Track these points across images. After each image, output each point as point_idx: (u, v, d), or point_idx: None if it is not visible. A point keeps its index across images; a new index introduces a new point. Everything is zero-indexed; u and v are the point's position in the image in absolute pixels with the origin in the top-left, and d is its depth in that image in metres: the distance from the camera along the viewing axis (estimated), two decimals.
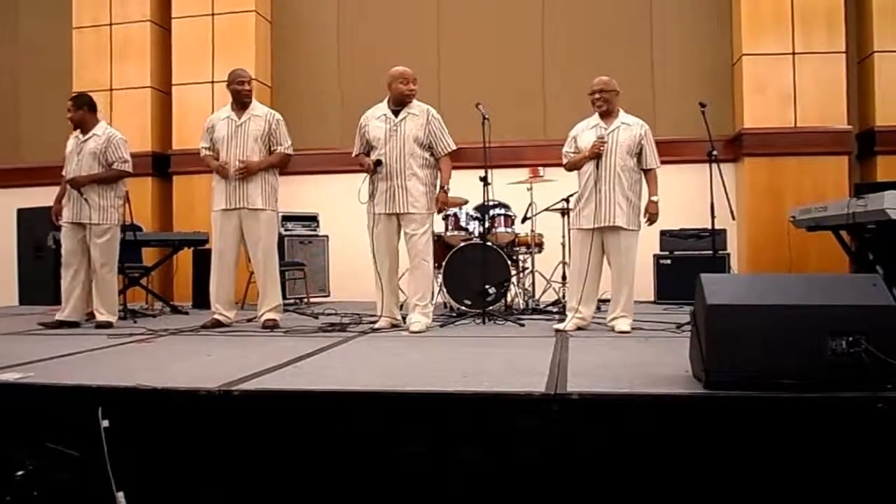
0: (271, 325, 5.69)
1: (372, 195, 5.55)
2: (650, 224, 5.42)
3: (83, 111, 6.01)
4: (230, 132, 5.75)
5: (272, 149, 5.83)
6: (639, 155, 5.35)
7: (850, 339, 2.83)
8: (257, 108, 5.86)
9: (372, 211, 5.57)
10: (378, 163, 5.47)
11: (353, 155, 5.73)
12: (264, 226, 5.73)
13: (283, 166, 5.97)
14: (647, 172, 5.40)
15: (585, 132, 5.44)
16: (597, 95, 5.37)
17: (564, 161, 5.57)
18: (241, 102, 5.80)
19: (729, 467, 2.82)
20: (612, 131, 5.32)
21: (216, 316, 5.77)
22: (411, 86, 5.50)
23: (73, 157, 5.98)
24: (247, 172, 5.67)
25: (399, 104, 5.53)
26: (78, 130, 6.04)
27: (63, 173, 6.08)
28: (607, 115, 5.38)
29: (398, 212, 5.50)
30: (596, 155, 5.26)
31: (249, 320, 6.06)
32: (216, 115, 5.98)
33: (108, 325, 5.86)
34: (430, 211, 5.60)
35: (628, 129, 5.33)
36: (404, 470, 2.96)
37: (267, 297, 5.79)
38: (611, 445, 2.88)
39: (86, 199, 5.84)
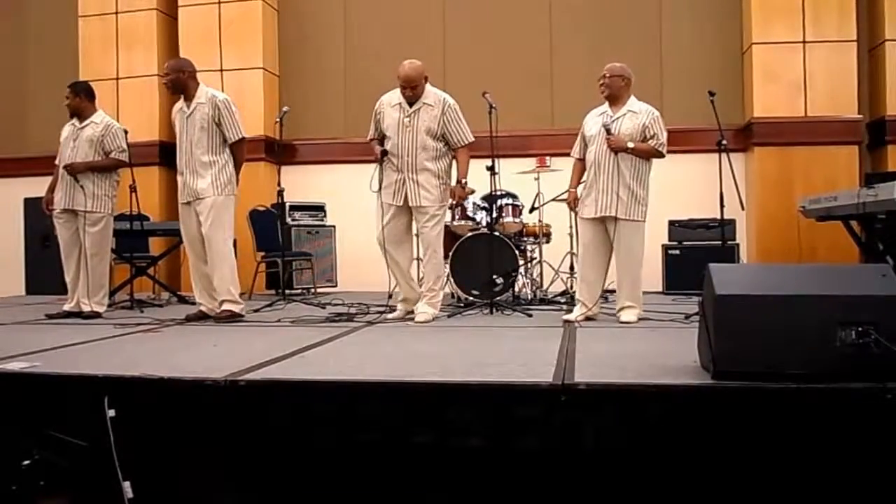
0: (224, 317, 5.43)
1: (381, 184, 5.48)
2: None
3: (80, 98, 5.98)
4: (182, 124, 5.55)
5: (226, 136, 5.49)
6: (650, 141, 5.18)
7: (859, 329, 2.81)
8: (202, 95, 5.50)
9: (382, 200, 5.49)
10: (384, 153, 5.44)
11: (368, 139, 5.65)
12: (205, 211, 5.41)
13: (242, 158, 5.61)
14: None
15: (592, 118, 5.39)
16: (600, 81, 5.30)
17: (572, 156, 5.57)
18: (178, 95, 5.61)
19: (737, 458, 2.81)
20: (617, 119, 5.22)
21: (201, 308, 5.65)
22: (409, 92, 5.33)
23: (68, 144, 5.94)
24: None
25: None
26: (74, 118, 6.01)
27: (56, 161, 6.05)
28: (615, 101, 5.28)
29: (410, 204, 5.42)
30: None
31: (256, 310, 6.06)
32: (176, 107, 5.67)
33: (97, 315, 5.81)
34: (443, 203, 5.52)
35: (634, 117, 5.20)
36: (410, 460, 2.95)
37: (219, 287, 5.50)
38: (618, 435, 2.87)
39: (81, 186, 5.80)
